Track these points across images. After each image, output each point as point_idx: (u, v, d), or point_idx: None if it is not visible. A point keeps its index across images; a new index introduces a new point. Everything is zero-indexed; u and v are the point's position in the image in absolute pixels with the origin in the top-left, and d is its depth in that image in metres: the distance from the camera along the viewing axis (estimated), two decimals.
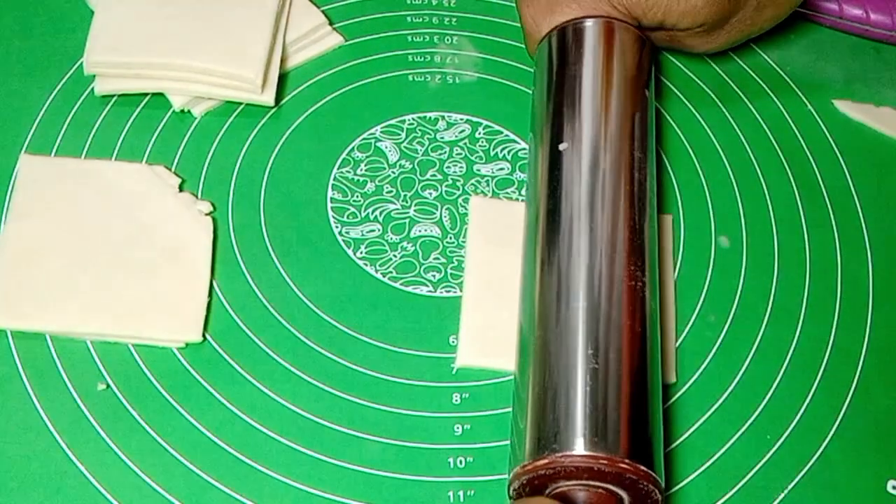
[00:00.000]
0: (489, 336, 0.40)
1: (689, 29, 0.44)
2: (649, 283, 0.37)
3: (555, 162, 0.40)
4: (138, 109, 0.45)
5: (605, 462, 0.32)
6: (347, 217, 0.44)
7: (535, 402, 0.34)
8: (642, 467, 0.32)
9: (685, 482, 0.38)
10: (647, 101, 0.42)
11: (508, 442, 0.37)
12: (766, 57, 0.51)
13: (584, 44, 0.42)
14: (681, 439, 0.39)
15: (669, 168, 0.47)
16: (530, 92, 0.46)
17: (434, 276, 0.42)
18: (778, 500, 0.38)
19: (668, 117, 0.48)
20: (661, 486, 0.33)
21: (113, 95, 0.45)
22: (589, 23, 0.42)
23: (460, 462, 0.38)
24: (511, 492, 0.34)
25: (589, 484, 0.33)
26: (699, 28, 0.44)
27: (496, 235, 0.43)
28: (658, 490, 0.33)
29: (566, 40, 0.43)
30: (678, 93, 0.49)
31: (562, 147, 0.39)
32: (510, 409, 0.38)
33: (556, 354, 0.35)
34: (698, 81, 0.50)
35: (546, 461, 0.33)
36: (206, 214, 0.42)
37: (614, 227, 0.37)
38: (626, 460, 0.32)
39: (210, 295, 0.40)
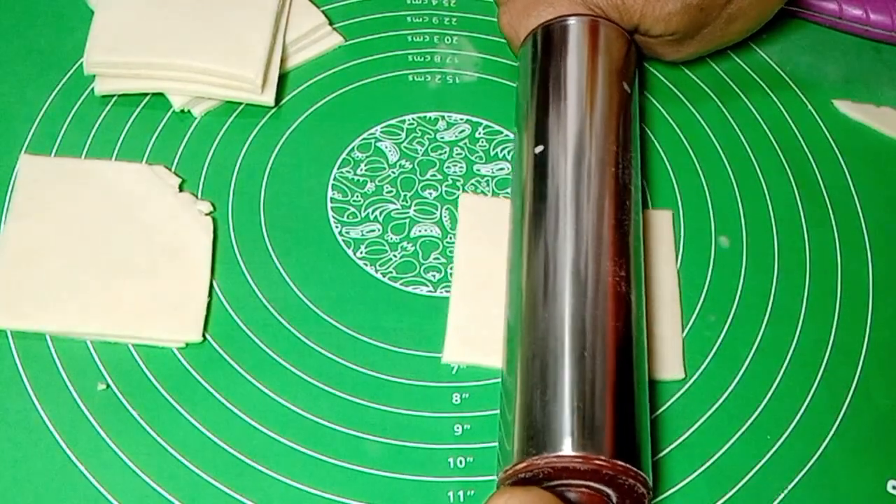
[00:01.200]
0: (477, 333, 0.40)
1: (661, 36, 0.44)
2: (634, 281, 0.37)
3: (539, 159, 0.40)
4: (138, 109, 0.45)
5: (580, 460, 0.32)
6: (347, 217, 0.44)
7: (521, 403, 0.34)
8: (620, 463, 0.32)
9: (685, 482, 0.38)
10: (630, 97, 0.42)
11: (497, 442, 0.37)
12: (766, 57, 0.51)
13: (568, 40, 0.42)
14: (681, 439, 0.39)
15: (669, 168, 0.47)
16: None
17: (434, 276, 0.42)
18: (778, 500, 0.38)
19: (668, 117, 0.48)
20: (644, 479, 0.33)
21: (113, 95, 0.45)
22: (572, 20, 0.42)
23: (460, 462, 0.38)
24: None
25: (572, 483, 0.33)
26: (670, 36, 0.44)
27: (486, 233, 0.43)
28: (641, 484, 0.33)
29: (550, 37, 0.43)
30: (678, 93, 0.49)
31: (537, 150, 0.40)
32: (499, 409, 0.38)
33: (541, 355, 0.35)
34: (698, 81, 0.50)
35: (525, 464, 0.33)
36: (206, 214, 0.42)
37: (599, 224, 0.37)
38: (601, 457, 0.32)
39: (210, 295, 0.40)
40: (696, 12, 0.43)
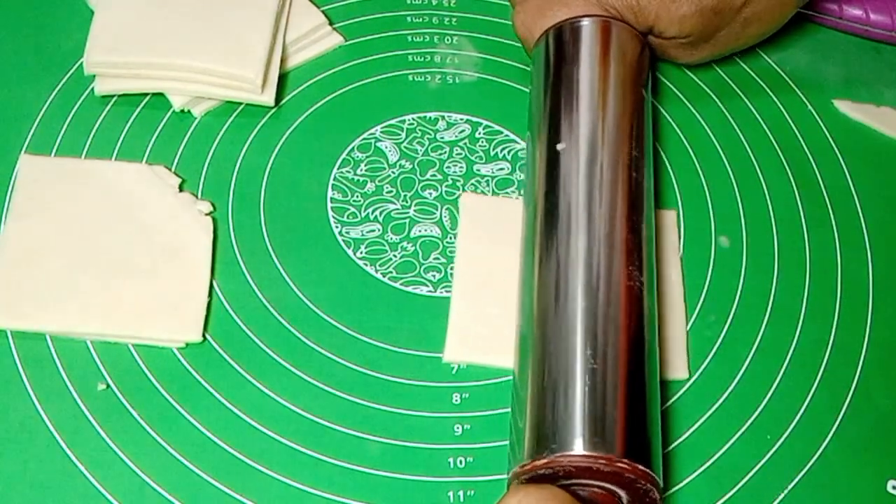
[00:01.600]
0: (478, 332, 0.40)
1: (675, 38, 0.44)
2: (647, 282, 0.37)
3: (552, 161, 0.40)
4: (138, 109, 0.45)
5: (603, 462, 0.32)
6: (347, 217, 0.44)
7: (533, 402, 0.34)
8: (640, 467, 0.32)
9: (685, 482, 0.38)
10: (644, 99, 0.42)
11: (508, 442, 0.37)
12: (766, 57, 0.51)
13: (582, 42, 0.42)
14: (681, 439, 0.39)
15: (669, 168, 0.47)
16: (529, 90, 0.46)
17: (434, 276, 0.42)
18: (778, 500, 0.38)
19: (668, 117, 0.48)
20: (659, 484, 0.33)
21: (113, 95, 0.45)
22: (586, 21, 0.42)
23: (460, 462, 0.38)
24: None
25: (587, 483, 0.33)
26: (685, 39, 0.44)
27: (486, 232, 0.43)
28: (656, 489, 0.33)
29: (564, 38, 0.43)
30: (678, 93, 0.49)
31: (559, 147, 0.39)
32: (510, 409, 0.38)
33: (554, 354, 0.35)
34: (698, 81, 0.50)
35: (545, 461, 0.33)
36: (206, 214, 0.42)
37: (612, 226, 0.37)
38: (624, 460, 0.32)
39: (210, 295, 0.40)
40: (711, 15, 0.43)
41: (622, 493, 0.34)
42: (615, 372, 0.34)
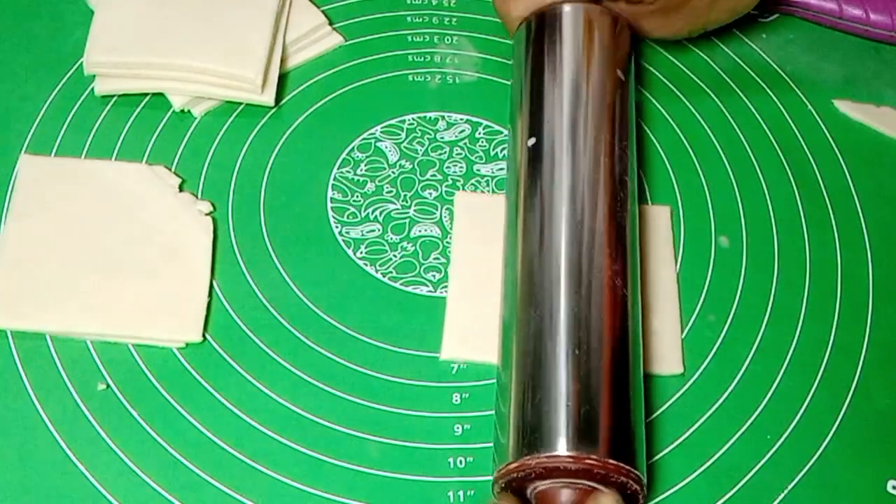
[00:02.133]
0: (474, 330, 0.40)
1: (644, 2, 0.43)
2: (630, 275, 0.37)
3: (532, 152, 0.40)
4: (138, 109, 0.45)
5: (571, 460, 0.32)
6: (347, 217, 0.44)
7: (514, 401, 0.34)
8: (611, 461, 0.32)
9: (685, 482, 0.38)
10: (625, 85, 0.42)
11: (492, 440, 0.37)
12: (766, 57, 0.51)
13: (562, 30, 0.42)
14: (681, 439, 0.39)
15: (669, 167, 0.47)
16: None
17: (434, 276, 0.42)
18: (778, 500, 0.38)
19: (667, 116, 0.48)
20: (636, 476, 0.33)
21: (113, 95, 0.45)
22: (567, 8, 0.42)
23: (460, 462, 0.38)
24: (495, 491, 0.35)
25: (566, 482, 0.33)
26: (653, 4, 0.43)
27: (482, 230, 0.43)
28: (634, 481, 0.33)
29: (542, 27, 0.43)
30: (678, 92, 0.49)
31: (530, 143, 0.40)
32: (494, 409, 0.38)
33: (534, 352, 0.35)
34: (698, 81, 0.50)
35: (517, 464, 0.33)
36: (206, 214, 0.42)
37: (593, 218, 0.37)
38: (592, 456, 0.32)
39: (210, 295, 0.40)
40: None
41: (603, 489, 0.34)
42: (597, 368, 0.34)
